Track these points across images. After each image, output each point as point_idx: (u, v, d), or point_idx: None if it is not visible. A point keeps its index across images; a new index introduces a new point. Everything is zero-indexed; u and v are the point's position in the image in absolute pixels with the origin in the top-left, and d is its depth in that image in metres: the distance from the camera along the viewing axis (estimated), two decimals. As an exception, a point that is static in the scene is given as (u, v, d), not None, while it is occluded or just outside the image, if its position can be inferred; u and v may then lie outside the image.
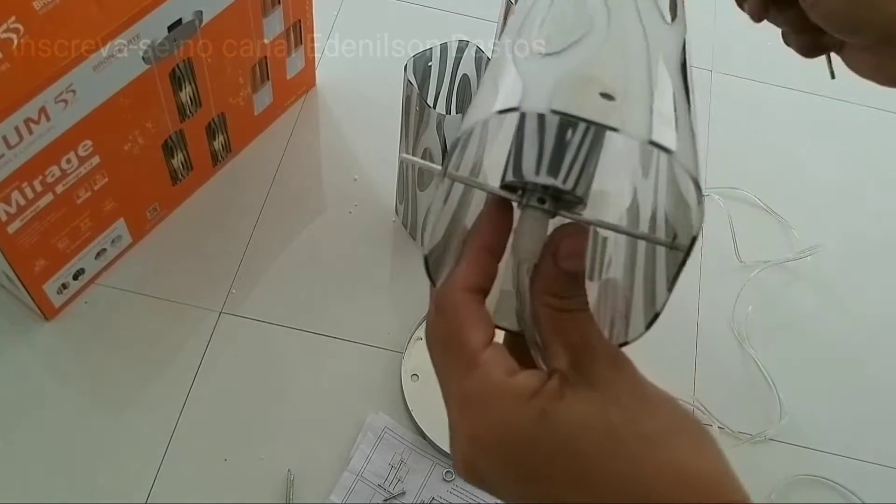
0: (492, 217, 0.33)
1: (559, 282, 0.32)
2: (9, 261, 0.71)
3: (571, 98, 0.28)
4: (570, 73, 0.30)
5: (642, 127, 0.28)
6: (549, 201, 0.33)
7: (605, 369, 0.30)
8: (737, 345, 0.86)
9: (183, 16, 0.70)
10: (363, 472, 0.74)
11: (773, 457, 0.80)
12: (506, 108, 0.28)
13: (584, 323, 0.31)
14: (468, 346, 0.30)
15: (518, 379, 0.30)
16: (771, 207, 0.94)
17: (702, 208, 0.30)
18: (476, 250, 0.32)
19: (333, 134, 0.96)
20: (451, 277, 0.32)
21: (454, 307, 0.31)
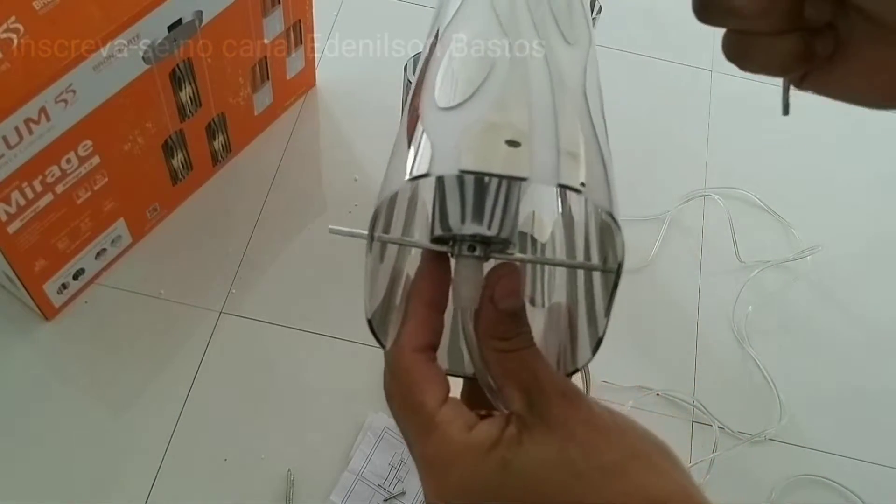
0: (429, 272, 0.34)
1: (500, 324, 0.32)
2: (9, 261, 0.71)
3: (478, 152, 0.29)
4: (476, 123, 0.30)
5: (550, 171, 0.28)
6: (480, 247, 0.34)
7: (558, 406, 0.30)
8: (737, 345, 0.86)
9: (183, 16, 0.70)
10: (363, 472, 0.74)
11: (773, 457, 0.80)
12: (417, 175, 0.29)
13: (531, 361, 0.32)
14: (424, 408, 0.31)
15: (477, 432, 0.30)
16: (771, 207, 0.94)
17: (621, 238, 0.30)
18: (419, 308, 0.33)
19: (333, 134, 0.96)
20: (399, 339, 0.33)
21: (405, 370, 0.32)
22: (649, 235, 0.90)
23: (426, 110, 0.32)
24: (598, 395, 0.80)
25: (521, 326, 0.32)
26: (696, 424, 0.81)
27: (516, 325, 0.32)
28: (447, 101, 0.32)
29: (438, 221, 0.35)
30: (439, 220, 0.35)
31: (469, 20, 0.38)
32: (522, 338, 0.32)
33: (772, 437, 0.81)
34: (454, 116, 0.31)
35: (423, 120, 0.32)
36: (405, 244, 0.36)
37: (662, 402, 0.82)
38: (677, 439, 0.80)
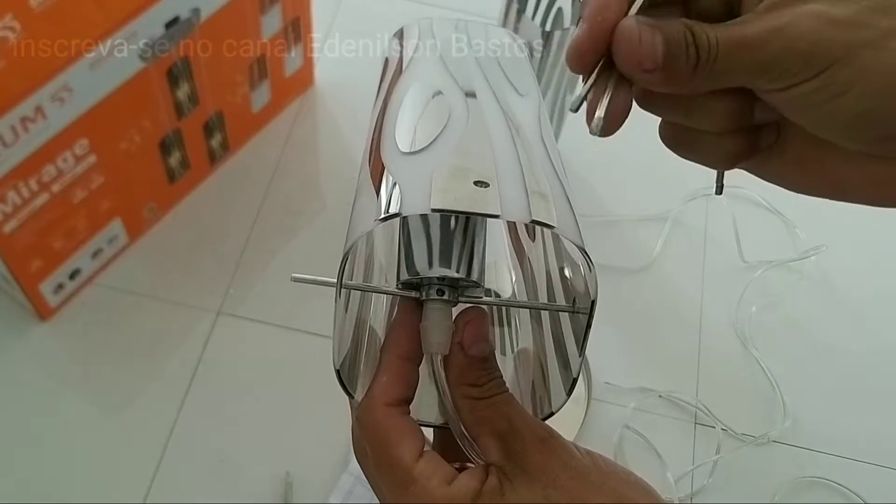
0: (403, 323, 0.33)
1: (471, 370, 0.31)
2: (4, 260, 0.71)
3: (448, 192, 0.29)
4: (440, 169, 0.30)
5: (521, 209, 0.29)
6: (448, 291, 0.34)
7: (537, 453, 0.30)
8: (740, 345, 0.85)
9: (180, 13, 0.70)
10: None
11: (777, 459, 0.79)
12: (388, 215, 0.29)
13: (504, 407, 0.31)
14: (400, 463, 0.30)
15: (457, 485, 0.29)
16: (775, 207, 0.93)
17: (594, 274, 0.30)
18: (391, 359, 0.32)
19: (332, 133, 0.95)
20: (370, 393, 0.32)
21: (378, 425, 0.31)
22: (652, 235, 0.90)
23: (389, 156, 0.32)
24: (600, 397, 0.79)
25: (493, 372, 0.32)
26: (699, 426, 0.80)
27: (487, 371, 0.32)
28: (408, 146, 0.32)
29: (405, 266, 0.35)
30: (406, 264, 0.35)
31: (420, 71, 0.38)
32: (494, 384, 0.31)
33: (775, 438, 0.80)
34: (418, 161, 0.31)
35: (387, 164, 0.32)
36: (374, 291, 0.36)
37: (665, 404, 0.81)
38: (680, 441, 0.79)
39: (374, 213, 0.30)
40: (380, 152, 0.33)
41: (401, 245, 0.36)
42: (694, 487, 0.77)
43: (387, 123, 0.35)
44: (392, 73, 0.40)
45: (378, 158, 0.33)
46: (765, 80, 0.27)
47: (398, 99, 0.37)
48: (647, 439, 0.79)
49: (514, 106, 0.36)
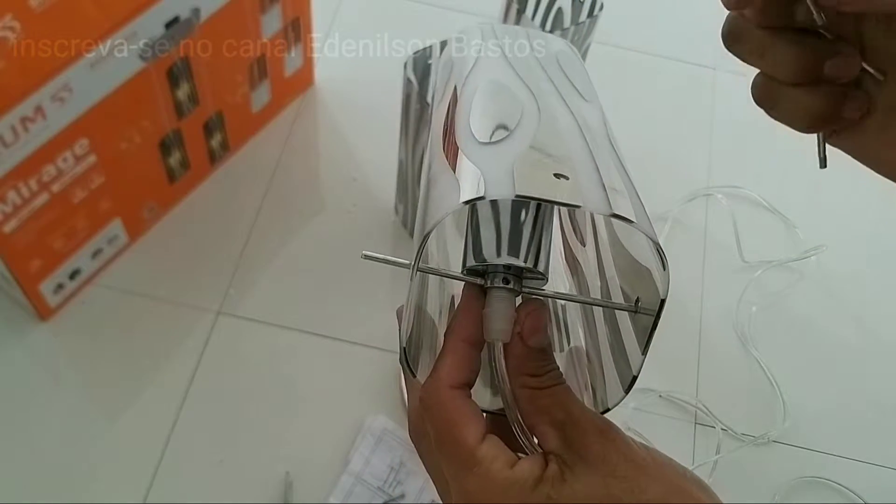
0: (468, 308, 0.34)
1: (530, 360, 0.32)
2: (4, 260, 0.71)
3: (530, 182, 0.29)
4: (521, 158, 0.31)
5: (601, 202, 0.29)
6: (513, 280, 0.34)
7: (596, 442, 0.30)
8: (740, 346, 0.85)
9: (180, 13, 0.70)
10: (362, 474, 0.73)
11: (777, 459, 0.79)
12: (472, 198, 0.29)
13: (563, 397, 0.32)
14: (465, 445, 0.31)
15: (520, 469, 0.30)
16: (775, 207, 0.93)
17: (667, 273, 0.31)
18: (457, 343, 0.33)
19: (332, 133, 0.95)
20: (436, 374, 0.32)
21: (443, 406, 0.31)
22: (651, 235, 0.90)
23: (466, 144, 0.33)
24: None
25: (551, 363, 0.32)
26: (699, 426, 0.80)
27: (546, 361, 0.32)
28: (486, 137, 0.33)
29: (472, 253, 0.35)
30: (473, 251, 0.35)
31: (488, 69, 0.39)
32: (553, 374, 0.32)
33: (775, 438, 0.80)
34: (497, 150, 0.32)
35: (466, 153, 0.32)
36: (442, 275, 0.37)
37: (665, 404, 0.81)
38: (680, 441, 0.79)
39: (455, 197, 0.30)
40: (456, 142, 0.33)
41: (469, 232, 0.36)
42: (694, 487, 0.77)
43: (460, 116, 0.35)
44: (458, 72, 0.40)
45: (453, 148, 0.33)
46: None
47: (469, 93, 0.37)
48: (648, 439, 0.79)
49: (582, 111, 0.36)
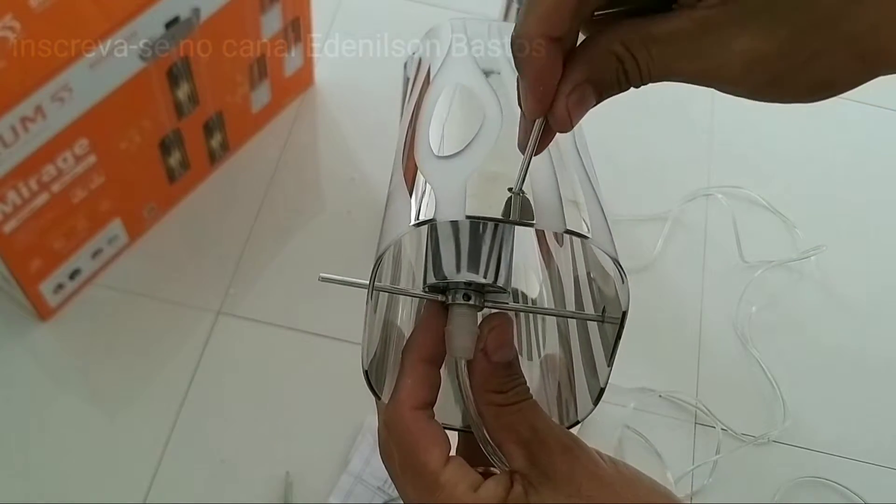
0: (427, 325, 0.33)
1: (495, 376, 0.31)
2: (4, 260, 0.71)
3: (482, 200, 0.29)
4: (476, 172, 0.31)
5: (556, 218, 0.29)
6: (475, 296, 0.33)
7: (561, 461, 0.29)
8: (740, 345, 0.85)
9: (180, 13, 0.70)
10: (362, 474, 0.73)
11: (777, 459, 0.79)
12: (422, 221, 0.29)
13: (529, 414, 0.31)
14: (427, 468, 0.30)
15: (484, 492, 0.29)
16: (775, 207, 0.93)
17: (626, 286, 0.30)
18: (416, 364, 0.32)
19: (332, 133, 0.95)
20: (396, 396, 0.32)
21: (405, 429, 0.31)
22: (652, 235, 0.90)
23: (423, 159, 0.32)
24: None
25: (517, 378, 0.31)
26: (699, 426, 0.80)
27: (511, 377, 0.31)
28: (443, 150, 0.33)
29: (432, 270, 0.35)
30: (433, 268, 0.35)
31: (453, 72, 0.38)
32: (518, 390, 0.31)
33: (775, 438, 0.80)
34: (452, 165, 0.32)
35: (421, 168, 0.32)
36: (401, 293, 0.36)
37: (665, 404, 0.81)
38: (680, 441, 0.79)
39: (407, 218, 0.30)
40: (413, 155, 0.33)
41: (429, 248, 0.35)
42: (694, 487, 0.77)
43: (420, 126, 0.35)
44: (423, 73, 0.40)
45: (411, 161, 0.33)
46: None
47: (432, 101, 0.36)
48: (647, 439, 0.79)
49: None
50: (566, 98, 0.27)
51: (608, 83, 0.28)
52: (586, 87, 0.28)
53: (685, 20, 0.27)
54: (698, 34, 0.27)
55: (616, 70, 0.28)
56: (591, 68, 0.28)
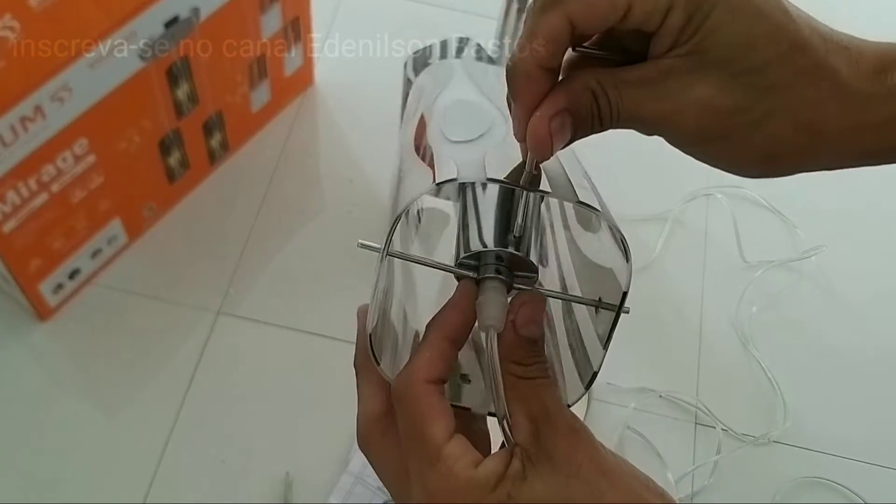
0: (457, 305, 0.34)
1: (520, 349, 0.32)
2: (4, 260, 0.70)
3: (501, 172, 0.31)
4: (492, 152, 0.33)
5: (568, 192, 0.31)
6: (505, 271, 0.35)
7: (565, 440, 0.30)
8: (740, 346, 0.85)
9: (180, 13, 0.70)
10: (362, 474, 0.73)
11: (777, 459, 0.79)
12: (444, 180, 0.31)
13: (543, 391, 0.32)
14: (432, 440, 0.31)
15: (483, 469, 0.30)
16: (775, 207, 0.93)
17: (630, 265, 0.32)
18: (440, 340, 0.33)
19: (332, 133, 0.95)
20: (412, 366, 0.32)
21: (416, 399, 0.32)
22: (652, 235, 0.90)
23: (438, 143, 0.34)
24: (600, 397, 0.79)
25: (539, 356, 0.33)
26: (700, 426, 0.80)
27: (534, 353, 0.32)
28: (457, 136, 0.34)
29: (463, 246, 0.36)
30: (463, 244, 0.36)
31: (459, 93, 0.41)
32: (538, 367, 0.32)
33: (775, 439, 0.80)
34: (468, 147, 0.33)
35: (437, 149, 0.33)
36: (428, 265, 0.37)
37: (665, 404, 0.81)
38: (680, 441, 0.79)
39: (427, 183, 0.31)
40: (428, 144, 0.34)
41: (459, 227, 0.36)
42: (694, 487, 0.77)
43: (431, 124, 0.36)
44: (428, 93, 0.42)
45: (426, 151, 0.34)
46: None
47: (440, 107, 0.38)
48: (648, 439, 0.79)
49: None
50: (548, 121, 0.30)
51: (583, 117, 0.31)
52: (566, 115, 0.30)
53: (653, 68, 0.30)
54: (662, 79, 0.30)
55: (591, 105, 0.31)
56: (570, 99, 0.30)
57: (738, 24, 0.29)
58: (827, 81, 0.30)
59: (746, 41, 0.29)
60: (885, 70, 0.31)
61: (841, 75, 0.30)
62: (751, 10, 0.29)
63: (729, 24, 0.29)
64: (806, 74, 0.30)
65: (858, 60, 0.31)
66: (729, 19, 0.29)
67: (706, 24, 0.29)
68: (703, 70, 0.29)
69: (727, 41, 0.29)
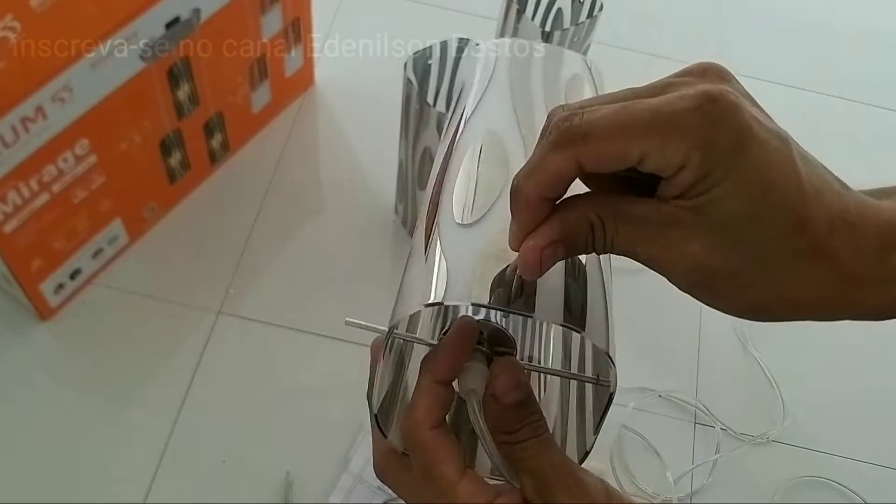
0: (447, 348, 0.35)
1: (505, 418, 0.33)
2: (5, 260, 0.71)
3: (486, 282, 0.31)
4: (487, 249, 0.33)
5: (554, 311, 0.31)
6: (486, 344, 0.35)
7: (564, 498, 0.32)
8: (740, 345, 0.85)
9: (181, 13, 0.70)
10: (363, 473, 0.73)
11: (776, 458, 0.79)
12: (432, 303, 0.32)
13: (536, 451, 0.33)
14: (444, 480, 0.32)
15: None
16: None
17: (615, 373, 0.33)
18: (431, 384, 0.34)
19: (333, 133, 0.95)
20: (414, 415, 0.34)
21: (424, 446, 0.33)
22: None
23: (443, 225, 0.35)
24: (599, 397, 0.79)
25: (527, 417, 0.33)
26: (699, 426, 0.80)
27: (522, 416, 0.33)
28: (463, 215, 0.35)
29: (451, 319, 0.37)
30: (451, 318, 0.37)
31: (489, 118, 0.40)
32: (528, 429, 0.33)
33: (775, 438, 0.80)
34: (469, 236, 0.34)
35: (441, 236, 0.34)
36: (419, 342, 0.38)
37: (664, 404, 0.81)
38: (679, 441, 0.79)
39: (420, 292, 0.32)
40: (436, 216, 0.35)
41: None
42: (693, 487, 0.77)
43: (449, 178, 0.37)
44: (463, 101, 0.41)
45: (433, 221, 0.35)
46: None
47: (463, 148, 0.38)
48: (647, 439, 0.79)
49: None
50: (541, 251, 0.30)
51: (577, 245, 0.31)
52: (559, 245, 0.31)
53: (655, 211, 0.30)
54: (662, 226, 0.30)
55: (587, 236, 0.31)
56: (566, 230, 0.31)
57: (744, 199, 0.29)
58: (824, 263, 0.30)
59: (749, 216, 0.29)
60: (886, 249, 0.30)
61: (840, 259, 0.30)
62: (761, 185, 0.28)
63: (735, 197, 0.29)
64: (802, 255, 0.29)
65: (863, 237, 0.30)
66: (736, 192, 0.28)
67: (713, 191, 0.29)
68: (702, 229, 0.29)
69: (730, 212, 0.29)
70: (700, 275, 0.30)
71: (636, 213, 0.30)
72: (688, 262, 0.30)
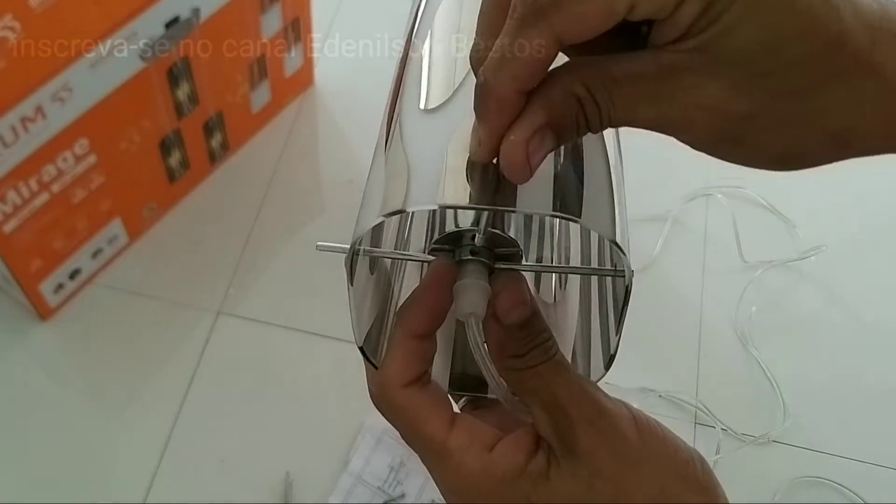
0: (420, 296, 0.30)
1: (511, 340, 0.29)
2: (4, 260, 0.71)
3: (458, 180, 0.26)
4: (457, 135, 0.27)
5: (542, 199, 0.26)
6: (483, 251, 0.30)
7: (586, 435, 0.27)
8: (740, 345, 0.85)
9: (180, 13, 0.70)
10: (362, 474, 0.73)
11: (777, 458, 0.79)
12: (390, 212, 0.27)
13: (549, 378, 0.28)
14: (433, 438, 0.28)
15: (499, 457, 0.28)
16: (775, 207, 0.93)
17: (628, 261, 0.27)
18: (406, 339, 0.30)
19: (332, 133, 0.95)
20: (384, 375, 0.30)
21: (397, 407, 0.29)
22: (652, 235, 0.90)
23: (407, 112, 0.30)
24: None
25: (535, 338, 0.29)
26: (699, 426, 0.80)
27: (528, 338, 0.29)
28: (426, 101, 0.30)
29: (438, 229, 0.32)
30: (439, 226, 0.32)
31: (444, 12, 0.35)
32: (538, 351, 0.29)
33: (775, 438, 0.80)
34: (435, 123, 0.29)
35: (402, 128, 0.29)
36: (396, 257, 0.33)
37: (665, 404, 0.81)
38: (680, 441, 0.79)
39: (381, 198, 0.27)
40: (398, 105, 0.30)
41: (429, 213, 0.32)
42: (694, 487, 0.77)
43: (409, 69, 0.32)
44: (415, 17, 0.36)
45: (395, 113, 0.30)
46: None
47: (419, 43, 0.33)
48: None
49: None
50: (525, 144, 0.25)
51: (567, 128, 0.26)
52: (547, 131, 0.25)
53: (651, 63, 0.25)
54: (663, 79, 0.25)
55: (577, 114, 0.25)
56: (552, 112, 0.25)
57: (764, 20, 0.24)
58: (870, 82, 0.25)
59: (772, 40, 0.24)
60: None
61: (888, 73, 0.25)
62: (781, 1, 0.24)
63: (752, 20, 0.24)
64: (843, 76, 0.25)
65: None
66: (751, 15, 0.24)
67: (724, 18, 0.24)
68: (714, 70, 0.25)
69: (748, 38, 0.24)
70: (723, 125, 0.25)
71: (630, 72, 0.25)
72: (705, 113, 0.25)
